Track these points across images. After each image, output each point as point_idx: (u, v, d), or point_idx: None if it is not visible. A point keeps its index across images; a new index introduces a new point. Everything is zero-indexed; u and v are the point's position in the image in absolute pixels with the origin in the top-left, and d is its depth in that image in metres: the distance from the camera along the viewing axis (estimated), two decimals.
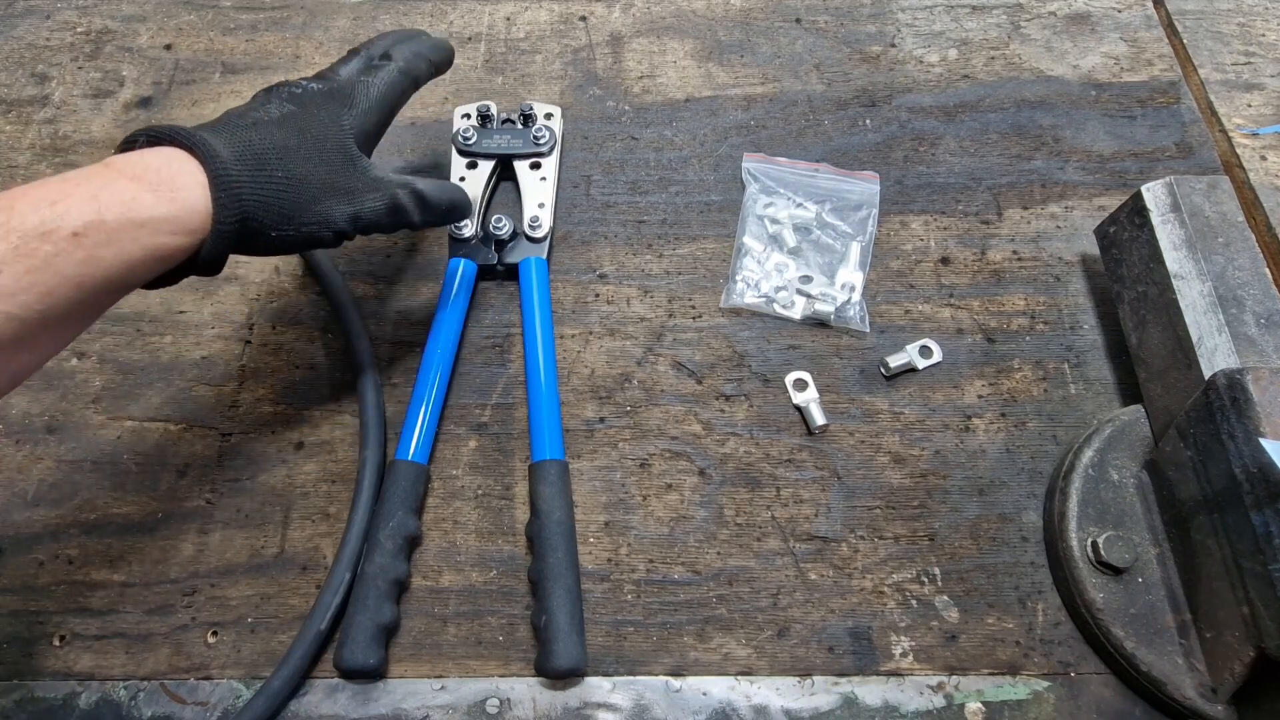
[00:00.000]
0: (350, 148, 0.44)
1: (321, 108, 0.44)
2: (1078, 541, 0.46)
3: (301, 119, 0.43)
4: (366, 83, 0.46)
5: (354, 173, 0.43)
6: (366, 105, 0.45)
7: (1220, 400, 0.42)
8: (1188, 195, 0.50)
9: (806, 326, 0.56)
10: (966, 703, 0.45)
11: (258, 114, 0.42)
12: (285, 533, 0.50)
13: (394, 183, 0.45)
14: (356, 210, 0.43)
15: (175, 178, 0.38)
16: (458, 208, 0.49)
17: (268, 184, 0.40)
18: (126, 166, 0.37)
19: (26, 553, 0.50)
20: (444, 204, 0.47)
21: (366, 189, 0.43)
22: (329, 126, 0.43)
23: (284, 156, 0.41)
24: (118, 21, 0.71)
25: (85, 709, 0.45)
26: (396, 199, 0.44)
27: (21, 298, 0.33)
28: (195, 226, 0.38)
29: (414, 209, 0.45)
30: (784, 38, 0.69)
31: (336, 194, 0.42)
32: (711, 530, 0.50)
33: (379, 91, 0.46)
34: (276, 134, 0.41)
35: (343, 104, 0.44)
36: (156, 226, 0.37)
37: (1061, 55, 0.68)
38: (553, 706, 0.45)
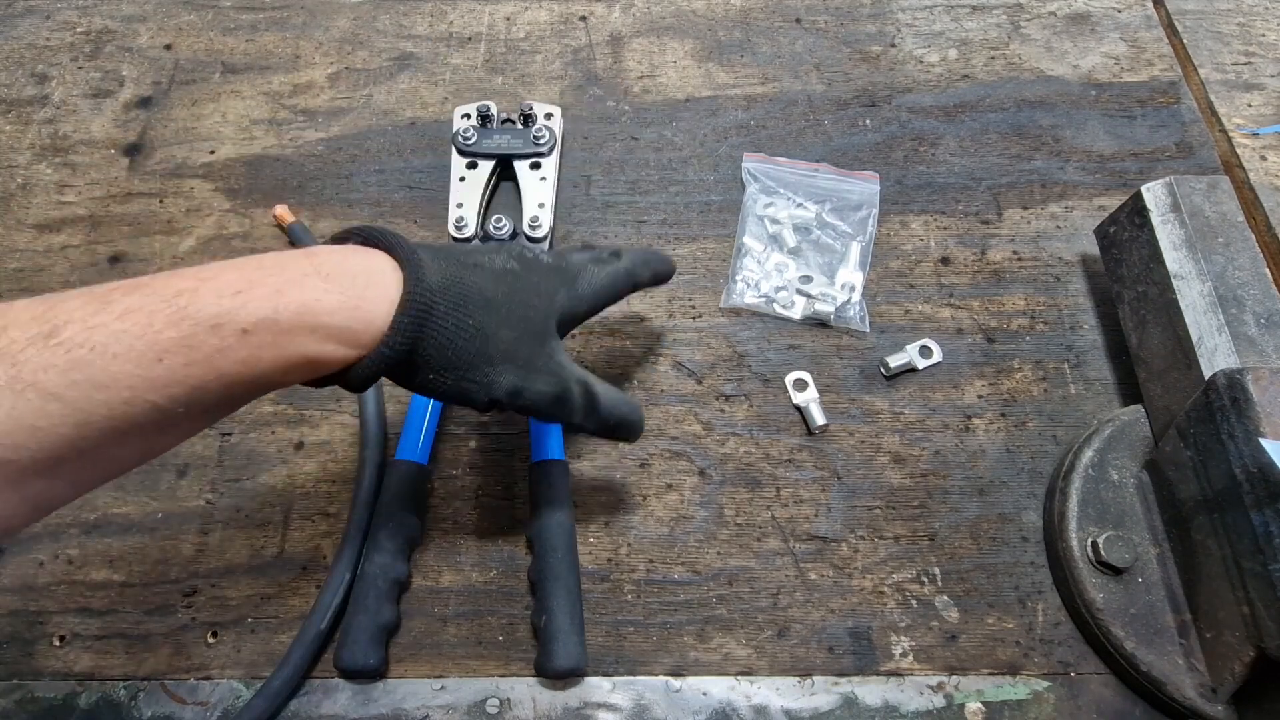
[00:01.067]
0: (550, 325, 0.41)
1: (544, 277, 0.42)
2: (1078, 541, 0.46)
3: (521, 279, 0.41)
4: (592, 270, 0.44)
5: (540, 350, 0.41)
6: (585, 291, 0.43)
7: (1220, 400, 0.42)
8: (1188, 195, 0.50)
9: (806, 326, 0.56)
10: (966, 703, 0.45)
11: (482, 258, 0.41)
12: (285, 533, 0.50)
13: (572, 374, 0.42)
14: (523, 386, 0.40)
15: (370, 287, 0.35)
16: (627, 426, 0.44)
17: (456, 327, 0.38)
18: (326, 263, 0.35)
19: (26, 553, 0.50)
20: (614, 416, 0.43)
21: (542, 370, 0.40)
22: (542, 297, 0.41)
23: (485, 307, 0.39)
24: (118, 21, 0.71)
25: (85, 709, 0.45)
26: (568, 392, 0.41)
27: (173, 391, 0.31)
28: (365, 342, 0.35)
29: (581, 408, 0.41)
30: (784, 38, 0.69)
31: (512, 363, 0.39)
32: (711, 530, 0.50)
33: (600, 282, 0.44)
34: (490, 283, 0.39)
35: (564, 282, 0.43)
36: (328, 334, 0.34)
37: (1061, 55, 0.68)
38: (553, 706, 0.45)
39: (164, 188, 0.62)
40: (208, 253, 0.59)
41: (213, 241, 0.60)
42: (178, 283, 0.32)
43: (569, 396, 0.41)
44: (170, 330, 0.31)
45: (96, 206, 0.62)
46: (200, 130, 0.65)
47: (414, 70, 0.68)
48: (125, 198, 0.62)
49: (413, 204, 0.61)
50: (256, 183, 0.62)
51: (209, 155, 0.64)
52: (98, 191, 0.62)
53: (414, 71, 0.68)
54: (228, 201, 0.62)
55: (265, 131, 0.65)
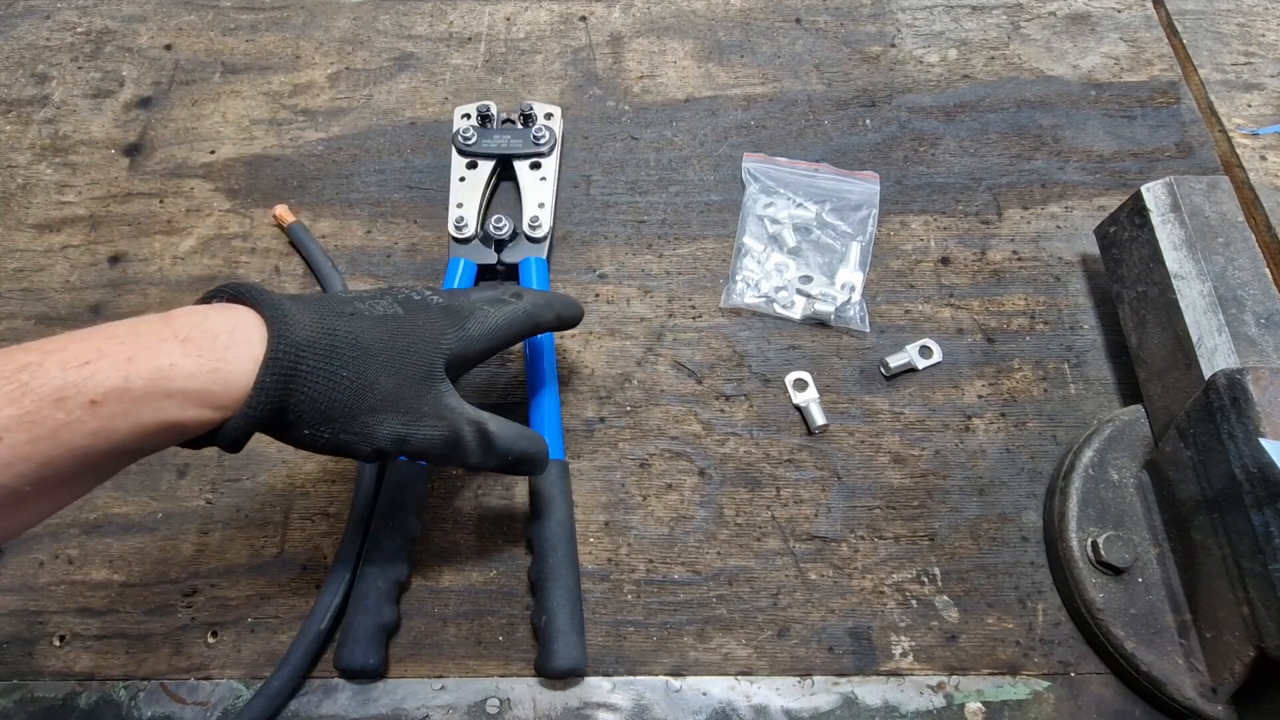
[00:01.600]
0: (435, 368, 0.40)
1: (431, 320, 0.41)
2: (1078, 541, 0.46)
3: (404, 323, 0.40)
4: (487, 310, 0.43)
5: (424, 395, 0.39)
6: (477, 331, 0.42)
7: (1220, 400, 0.42)
8: (1188, 195, 0.50)
9: (806, 326, 0.56)
10: (966, 703, 0.45)
11: (362, 306, 0.40)
12: (285, 533, 0.50)
13: (463, 416, 0.40)
14: (407, 434, 0.39)
15: (231, 347, 0.35)
16: (528, 461, 0.43)
17: (327, 380, 0.36)
18: (184, 325, 0.34)
19: (26, 553, 0.50)
20: (513, 453, 0.42)
21: (429, 414, 0.39)
22: (427, 341, 0.40)
23: (361, 356, 0.38)
24: (118, 21, 0.71)
25: (85, 709, 0.45)
26: (459, 434, 0.40)
27: (19, 468, 0.30)
28: (228, 403, 0.35)
29: (475, 449, 0.40)
30: (784, 38, 0.69)
31: (394, 411, 0.38)
32: (711, 530, 0.50)
33: (495, 323, 0.43)
34: (367, 332, 0.38)
35: (454, 323, 0.41)
36: (186, 399, 0.33)
37: (1061, 55, 0.68)
38: (553, 706, 0.45)
39: (164, 188, 0.62)
40: (208, 253, 0.59)
41: (213, 241, 0.60)
42: (21, 357, 0.31)
43: (460, 438, 0.40)
44: (10, 408, 0.30)
45: (96, 206, 0.62)
46: (200, 130, 0.65)
47: (414, 70, 0.68)
48: (125, 198, 0.62)
49: (413, 204, 0.61)
50: (256, 183, 0.62)
51: (209, 155, 0.64)
52: (98, 191, 0.62)
53: (414, 71, 0.68)
54: (228, 201, 0.62)
55: (265, 131, 0.65)
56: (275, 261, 0.59)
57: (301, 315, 0.37)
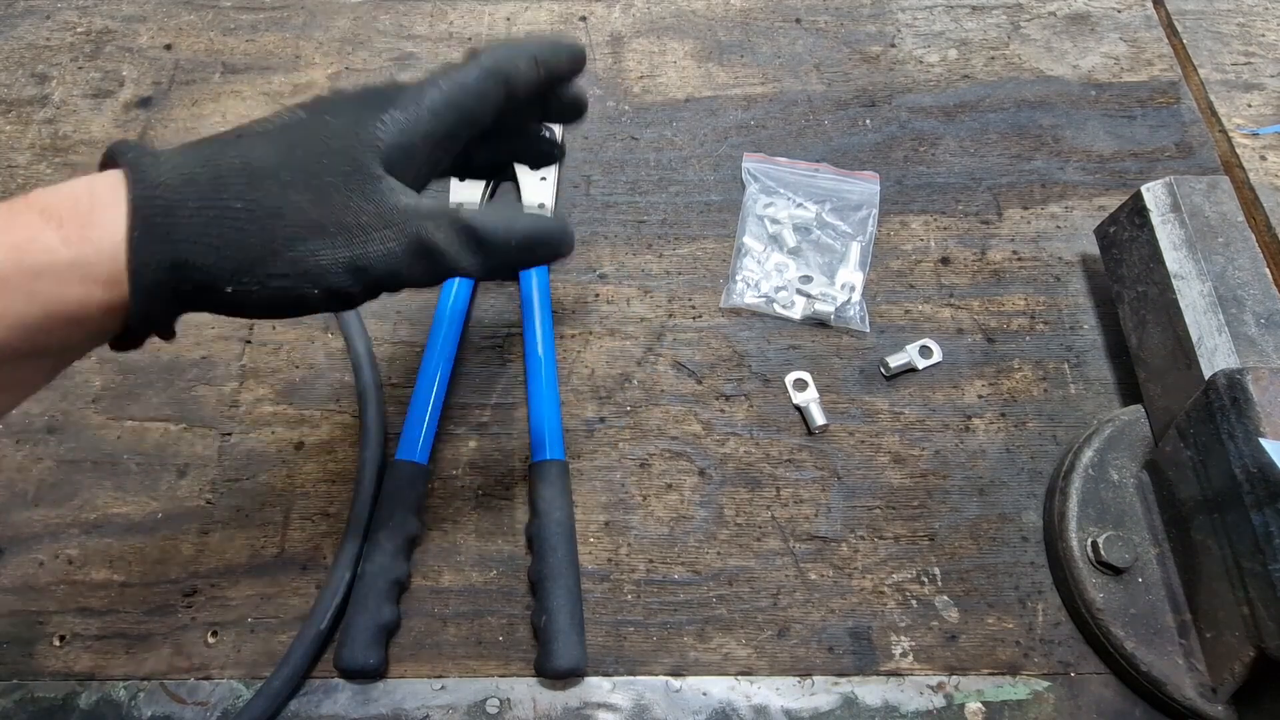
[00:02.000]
0: (365, 165, 0.32)
1: (344, 113, 0.33)
2: (1078, 541, 0.46)
3: (307, 128, 0.33)
4: (422, 84, 0.34)
5: (359, 201, 0.31)
6: (416, 111, 0.33)
7: (1220, 400, 0.42)
8: (1188, 195, 0.50)
9: (806, 326, 0.56)
10: (966, 703, 0.45)
11: (254, 125, 0.33)
12: (285, 533, 0.50)
13: (424, 212, 0.32)
14: (356, 256, 0.31)
15: (94, 211, 0.29)
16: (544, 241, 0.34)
17: (218, 219, 0.30)
18: (43, 196, 0.30)
19: (26, 553, 0.50)
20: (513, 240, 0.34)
21: (372, 223, 0.31)
22: (342, 138, 0.32)
23: (254, 181, 0.31)
24: (118, 21, 0.71)
25: (85, 709, 0.45)
26: (426, 238, 0.32)
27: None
28: (108, 275, 0.29)
29: (458, 250, 0.32)
30: (784, 38, 0.69)
31: (327, 233, 0.31)
32: (711, 530, 0.50)
33: (441, 94, 0.34)
34: (258, 149, 0.31)
35: (375, 107, 0.33)
36: (58, 278, 0.28)
37: (1061, 55, 0.68)
38: (553, 706, 0.45)
39: None
40: None
41: None
42: None
43: (430, 241, 0.32)
44: None
45: None
46: (200, 130, 0.65)
47: (414, 70, 0.68)
48: None
49: None
50: None
51: None
52: None
53: (414, 71, 0.68)
54: None
55: None
56: None
57: (170, 155, 0.31)
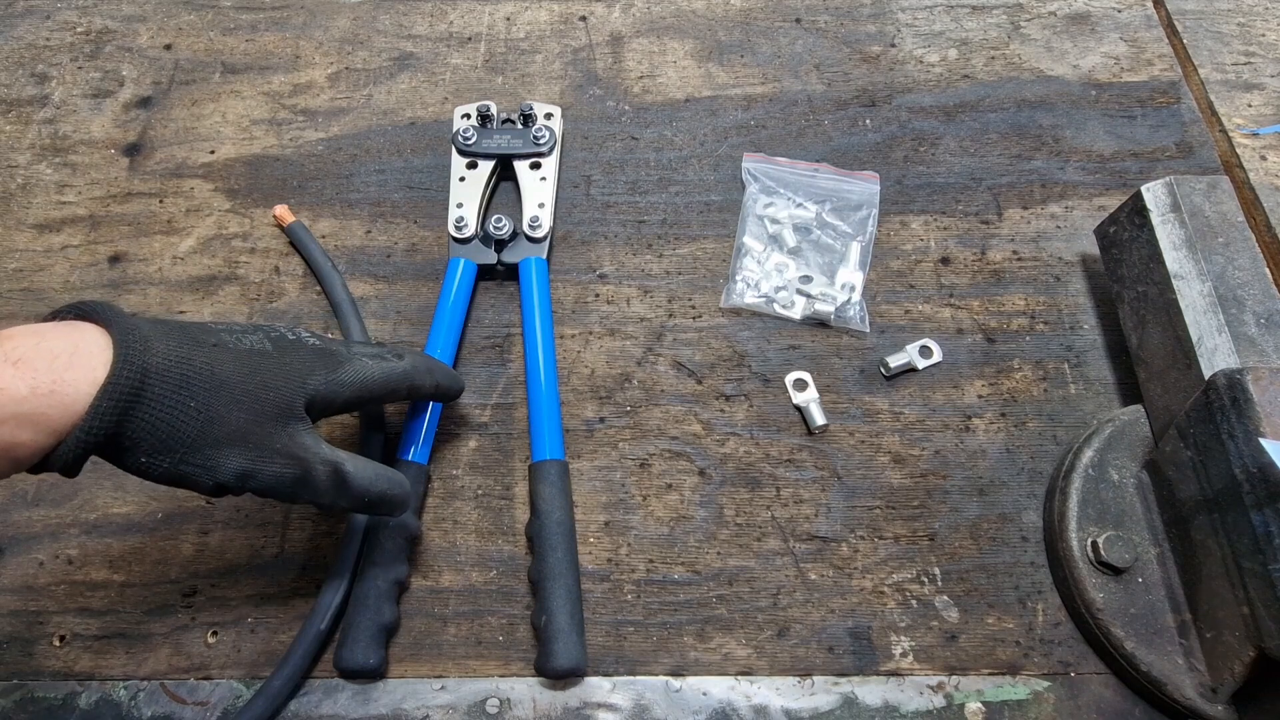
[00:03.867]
0: (294, 407, 0.39)
1: (300, 360, 0.40)
2: (1078, 541, 0.46)
3: (270, 361, 0.39)
4: (364, 362, 0.42)
5: (278, 432, 0.38)
6: (348, 378, 0.41)
7: (1220, 400, 0.42)
8: (1188, 195, 0.50)
9: (806, 326, 0.56)
10: (966, 703, 0.45)
11: (229, 338, 0.39)
12: (285, 533, 0.50)
13: (316, 456, 0.39)
14: (253, 469, 0.37)
15: (71, 369, 0.33)
16: (387, 502, 0.42)
17: (171, 410, 0.35)
18: (19, 346, 0.33)
19: (26, 553, 0.50)
20: (369, 494, 0.41)
21: (279, 452, 0.38)
22: (290, 379, 0.39)
23: (215, 388, 0.36)
24: (118, 21, 0.71)
25: (85, 709, 0.45)
26: (309, 473, 0.39)
27: None
28: (64, 427, 0.33)
29: (328, 489, 0.40)
30: (784, 38, 0.69)
31: (242, 446, 0.37)
32: (711, 530, 0.50)
33: (368, 374, 0.42)
34: (226, 366, 0.37)
35: (325, 366, 0.41)
36: (18, 423, 0.32)
37: (1061, 55, 0.68)
38: (553, 706, 0.45)
39: (164, 188, 0.62)
40: (208, 252, 0.59)
41: (213, 241, 0.60)
42: None
43: (311, 478, 0.39)
44: None
45: (96, 206, 0.62)
46: (200, 130, 0.65)
47: (414, 70, 0.68)
48: (125, 198, 0.62)
49: (412, 204, 0.61)
50: (256, 183, 0.62)
51: (209, 155, 0.64)
52: (98, 191, 0.62)
53: (414, 71, 0.68)
54: (228, 201, 0.62)
55: (265, 131, 0.65)
56: (275, 261, 0.59)
57: (155, 340, 0.36)
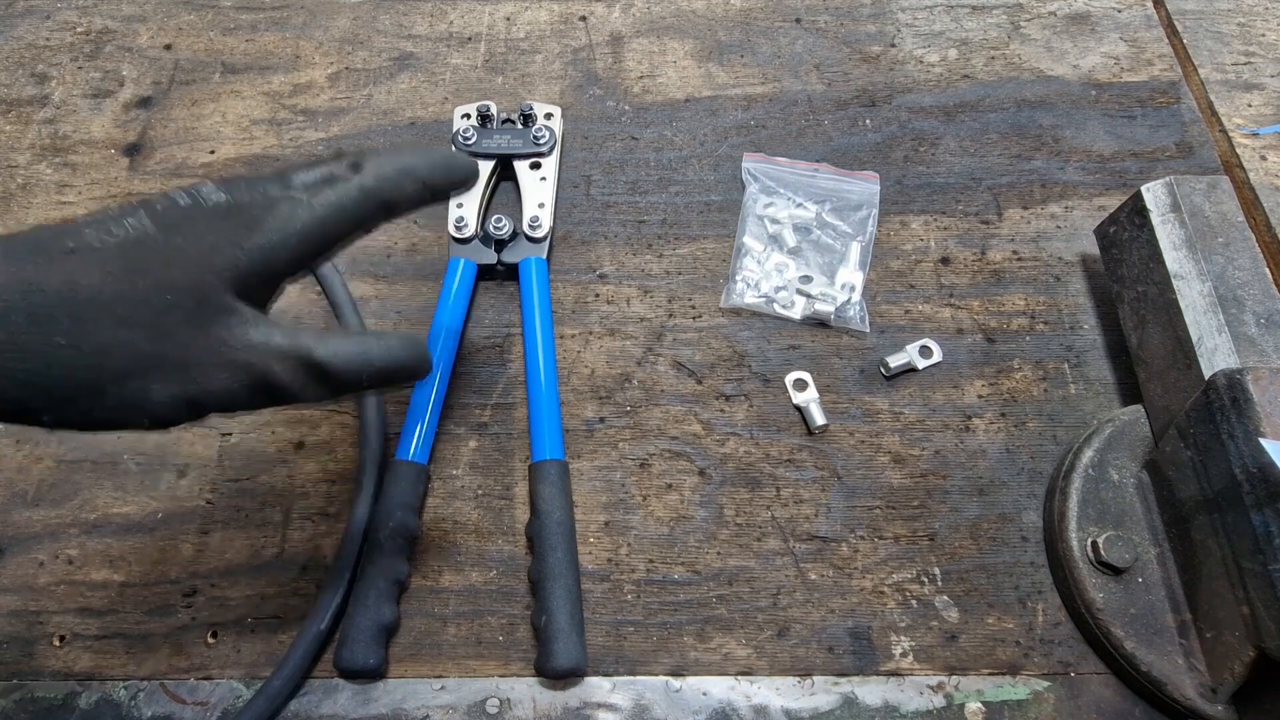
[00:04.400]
0: (213, 299, 0.30)
1: (198, 235, 0.31)
2: (1078, 541, 0.46)
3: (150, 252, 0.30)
4: (297, 201, 0.32)
5: (201, 338, 0.30)
6: (278, 235, 0.32)
7: (1220, 400, 0.42)
8: (1188, 195, 0.50)
9: (806, 326, 0.56)
10: (966, 703, 0.45)
11: (92, 234, 0.30)
12: (285, 533, 0.50)
13: (271, 351, 0.31)
14: (188, 393, 0.30)
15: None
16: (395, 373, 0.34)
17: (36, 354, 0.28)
18: None
19: (26, 553, 0.50)
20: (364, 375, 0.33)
21: (212, 362, 0.30)
22: (189, 267, 0.30)
23: (82, 315, 0.28)
24: (118, 21, 0.71)
25: (85, 709, 0.45)
26: (268, 375, 0.31)
27: None
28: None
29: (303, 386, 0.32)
30: (784, 38, 0.69)
31: (163, 371, 0.30)
32: (711, 530, 0.50)
33: (311, 216, 0.32)
34: (91, 277, 0.29)
35: (236, 230, 0.31)
36: None
37: (1061, 55, 0.68)
38: (553, 706, 0.45)
39: (164, 188, 0.62)
40: None
41: None
42: None
43: (273, 379, 0.31)
44: None
45: (97, 206, 0.62)
46: (200, 130, 0.65)
47: (414, 70, 0.68)
48: (125, 198, 0.62)
49: None
50: None
51: (209, 155, 0.64)
52: (98, 191, 0.62)
53: (414, 71, 0.68)
54: None
55: (265, 131, 0.65)
56: None
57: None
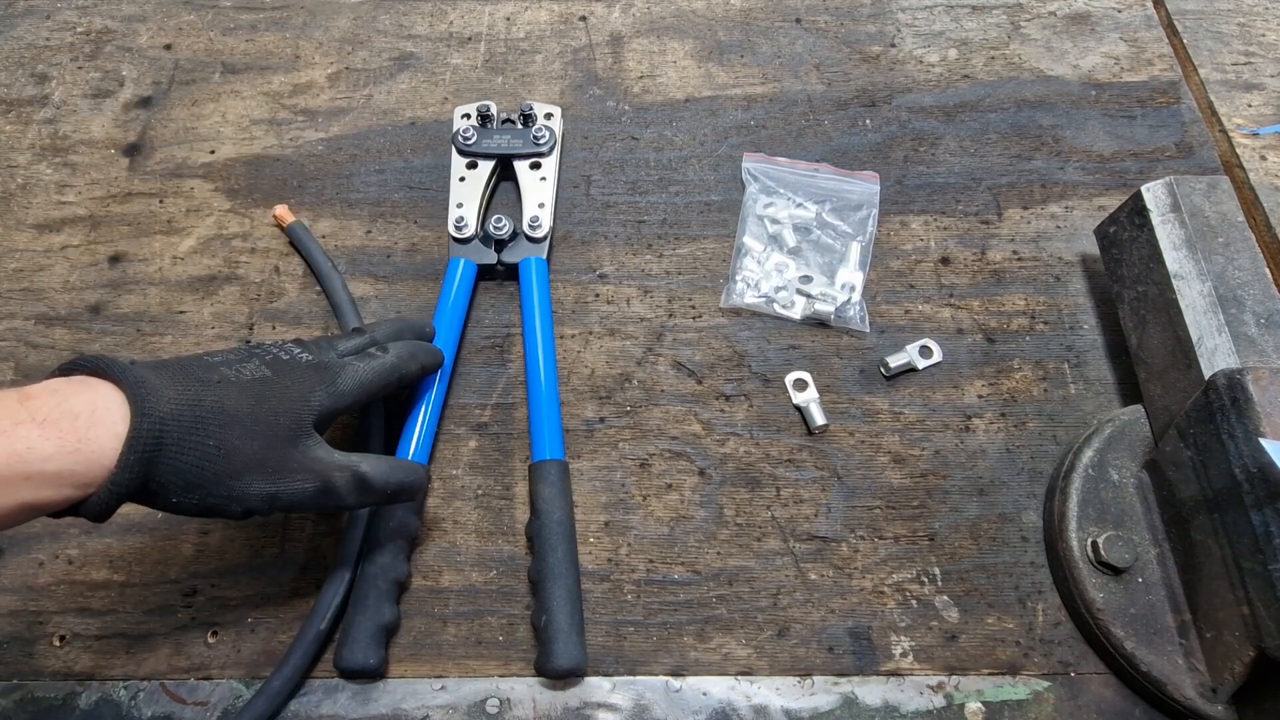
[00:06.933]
0: (304, 425, 0.41)
1: (300, 379, 0.42)
2: (1078, 541, 0.46)
3: (272, 387, 0.41)
4: (357, 368, 0.44)
5: (294, 451, 0.40)
6: (346, 388, 0.43)
7: (1220, 400, 0.42)
8: (1188, 195, 0.50)
9: (806, 326, 0.56)
10: (966, 703, 0.45)
11: (229, 372, 0.40)
12: (285, 533, 0.50)
13: (333, 465, 0.41)
14: (276, 491, 0.40)
15: (93, 427, 0.35)
16: (406, 490, 0.44)
17: (191, 451, 0.37)
18: (42, 406, 0.35)
19: (26, 553, 0.50)
20: (390, 487, 0.43)
21: (297, 470, 0.40)
22: (294, 400, 0.41)
23: (225, 425, 0.38)
24: (118, 21, 0.71)
25: (85, 709, 0.45)
26: (329, 482, 0.41)
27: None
28: (91, 480, 0.35)
29: (350, 492, 0.42)
30: (784, 38, 0.69)
31: (261, 471, 0.39)
32: (711, 530, 0.50)
33: (363, 378, 0.44)
34: (233, 400, 0.39)
35: (323, 381, 0.42)
36: (45, 480, 0.34)
37: (1061, 55, 0.68)
38: (553, 706, 0.45)
39: (164, 188, 0.62)
40: (208, 253, 0.59)
41: (213, 241, 0.60)
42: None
43: (331, 486, 0.41)
44: None
45: (96, 206, 0.62)
46: (200, 130, 0.65)
47: (414, 70, 0.68)
48: (125, 198, 0.62)
49: (412, 204, 0.61)
50: (256, 183, 0.62)
51: (209, 155, 0.64)
52: (98, 191, 0.62)
53: (414, 71, 0.68)
54: (228, 201, 0.62)
55: (265, 131, 0.65)
56: (275, 261, 0.59)
57: (164, 389, 0.37)
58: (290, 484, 0.40)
